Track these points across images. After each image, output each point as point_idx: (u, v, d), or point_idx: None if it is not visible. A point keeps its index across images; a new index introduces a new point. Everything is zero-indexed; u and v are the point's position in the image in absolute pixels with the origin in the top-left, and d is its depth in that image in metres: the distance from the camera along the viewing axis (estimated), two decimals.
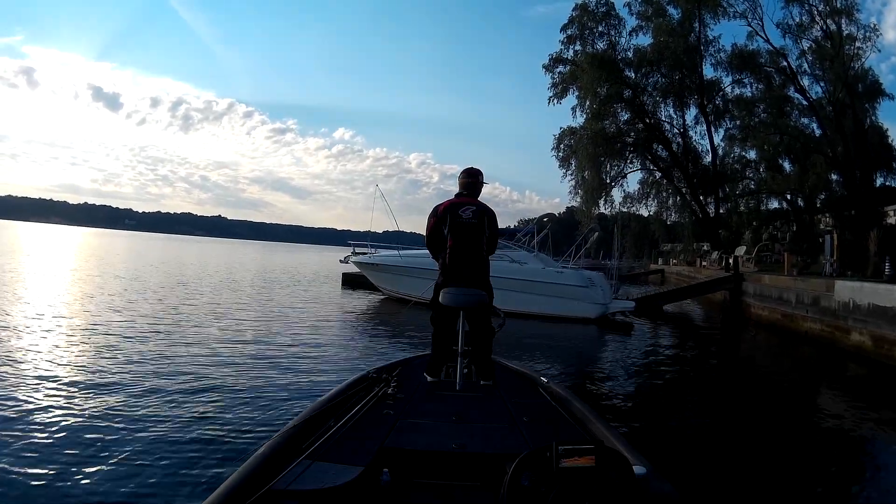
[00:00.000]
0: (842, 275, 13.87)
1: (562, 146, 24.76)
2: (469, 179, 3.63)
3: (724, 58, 23.78)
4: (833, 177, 23.09)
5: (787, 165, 24.29)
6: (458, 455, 2.11)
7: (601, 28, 23.76)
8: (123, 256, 35.41)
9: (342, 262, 17.64)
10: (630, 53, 23.91)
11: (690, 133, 24.91)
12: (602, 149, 23.01)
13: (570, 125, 24.65)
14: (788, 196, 24.55)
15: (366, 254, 16.68)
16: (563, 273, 13.91)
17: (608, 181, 24.35)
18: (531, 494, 1.52)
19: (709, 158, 24.70)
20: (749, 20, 23.05)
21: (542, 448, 1.57)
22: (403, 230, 18.00)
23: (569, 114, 26.41)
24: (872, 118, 23.71)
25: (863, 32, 21.97)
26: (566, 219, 39.00)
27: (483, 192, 3.68)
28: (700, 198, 24.55)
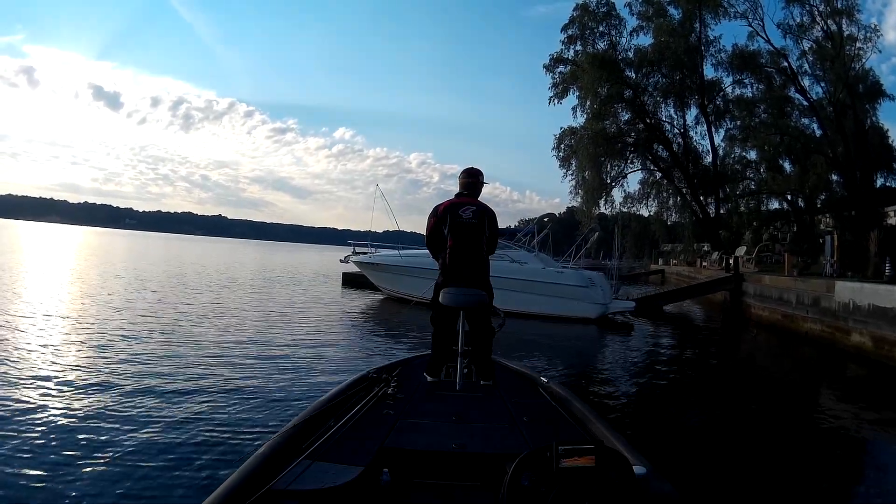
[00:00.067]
0: (842, 275, 13.85)
1: (562, 146, 24.80)
2: (469, 179, 3.62)
3: (725, 58, 23.81)
4: (833, 177, 23.06)
5: (788, 166, 24.31)
6: (458, 455, 2.11)
7: (602, 28, 23.76)
8: (124, 256, 35.43)
9: (342, 262, 17.67)
10: (631, 53, 23.93)
11: (691, 133, 24.97)
12: (602, 149, 23.00)
13: (571, 125, 24.73)
14: (789, 196, 24.52)
15: (366, 253, 16.71)
16: (564, 273, 13.91)
17: (608, 181, 24.37)
18: (531, 494, 1.52)
19: (709, 159, 24.74)
20: (750, 20, 23.06)
21: (542, 448, 1.57)
22: (404, 230, 18.00)
23: (569, 114, 26.49)
24: (873, 119, 23.71)
25: (863, 33, 21.98)
26: (566, 219, 39.04)
27: (483, 192, 3.68)
28: (700, 198, 24.54)
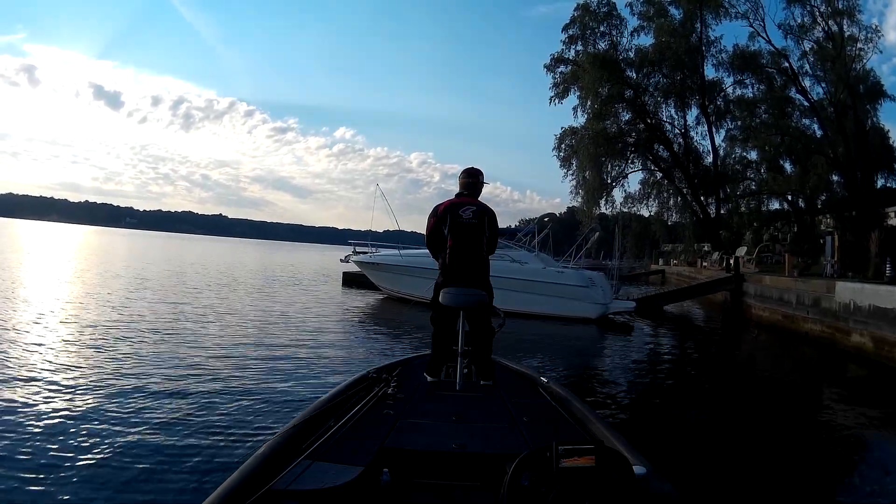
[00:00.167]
0: (843, 276, 13.85)
1: (563, 146, 24.85)
2: (469, 179, 3.62)
3: (726, 58, 23.84)
4: (834, 178, 23.07)
5: (789, 166, 24.31)
6: (458, 455, 2.10)
7: (603, 28, 23.79)
8: (124, 255, 35.45)
9: (343, 262, 17.67)
10: (632, 54, 23.96)
11: (692, 133, 25.01)
12: (603, 149, 23.01)
13: (572, 125, 24.79)
14: (789, 197, 24.51)
15: (366, 253, 16.71)
16: (564, 273, 13.91)
17: (609, 181, 24.40)
18: (531, 494, 1.52)
19: (710, 159, 24.77)
20: (751, 21, 23.07)
21: (542, 448, 1.56)
22: (404, 229, 17.98)
23: (570, 114, 26.53)
24: (874, 119, 23.72)
25: (864, 33, 22.00)
26: (567, 219, 39.00)
27: (484, 192, 3.68)
28: (701, 198, 24.55)
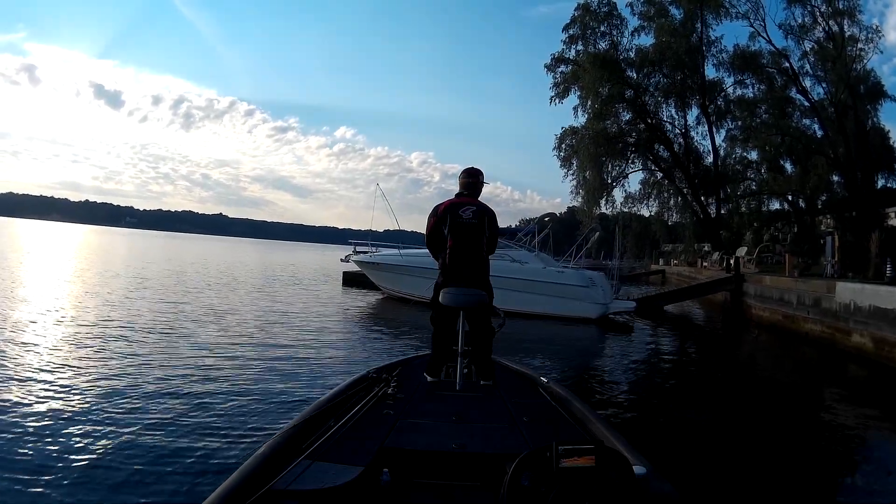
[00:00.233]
0: (843, 276, 13.84)
1: (563, 146, 24.82)
2: (469, 179, 3.62)
3: (726, 58, 23.82)
4: (834, 178, 23.04)
5: (789, 166, 24.28)
6: (458, 455, 2.11)
7: (603, 28, 23.76)
8: (124, 254, 35.46)
9: (343, 261, 17.68)
10: (632, 53, 23.93)
11: (692, 133, 24.98)
12: (603, 149, 23.00)
13: (572, 125, 24.75)
14: (790, 197, 24.48)
15: (367, 253, 16.72)
16: (564, 273, 13.90)
17: (609, 181, 24.39)
18: (531, 494, 1.52)
19: (710, 159, 24.75)
20: (751, 21, 23.05)
21: (542, 448, 1.56)
22: (404, 229, 17.99)
23: (570, 114, 26.51)
24: (874, 119, 23.70)
25: (865, 34, 21.98)
26: (567, 218, 38.93)
27: (484, 192, 3.68)
28: (701, 198, 24.54)
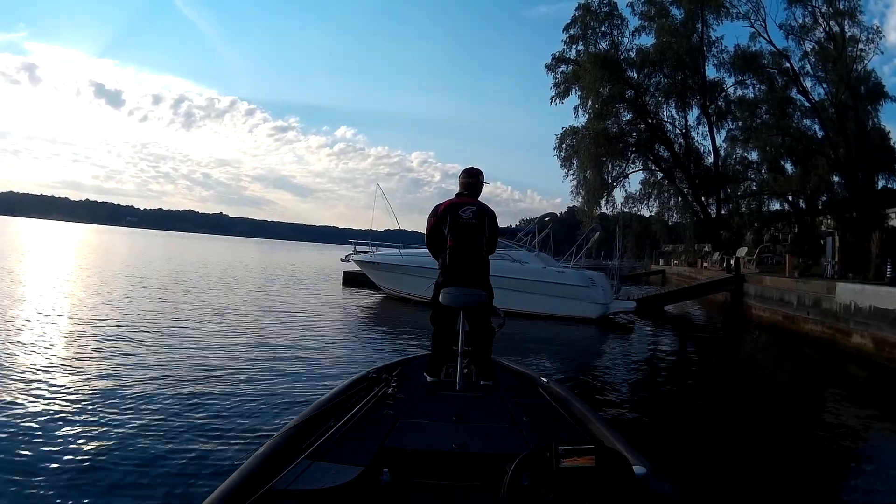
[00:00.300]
0: (843, 277, 13.82)
1: (564, 146, 24.84)
2: (469, 179, 3.62)
3: (727, 59, 23.78)
4: (835, 178, 23.02)
5: (789, 167, 24.27)
6: (458, 455, 2.11)
7: (604, 28, 23.76)
8: (125, 254, 35.46)
9: (343, 261, 17.69)
10: (633, 53, 23.92)
11: (692, 134, 24.95)
12: (604, 149, 23.00)
13: (573, 125, 24.77)
14: (790, 197, 24.48)
15: (367, 252, 16.72)
16: (565, 273, 13.90)
17: (610, 181, 24.38)
18: (531, 494, 1.52)
19: (711, 159, 24.73)
20: (752, 21, 23.02)
21: (542, 448, 1.57)
22: (405, 229, 17.98)
23: (571, 114, 26.52)
24: (875, 120, 23.66)
25: (866, 34, 21.94)
26: (568, 218, 38.90)
27: (484, 192, 3.69)
28: (702, 199, 24.53)
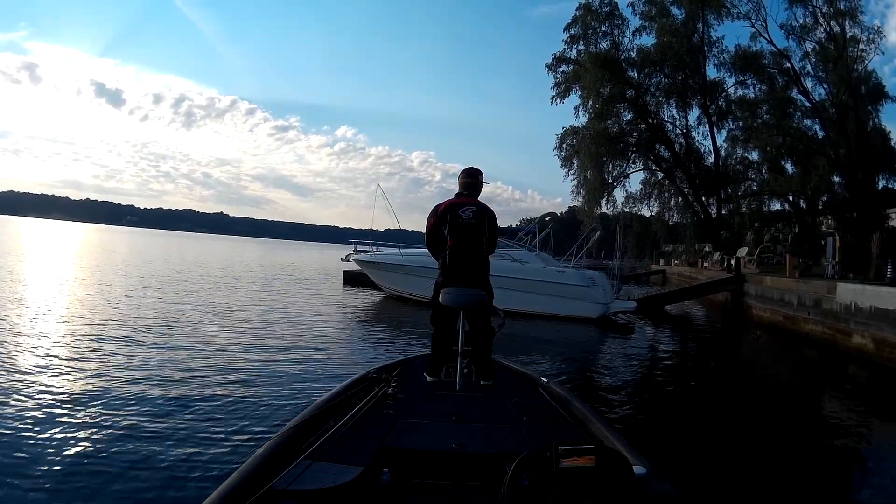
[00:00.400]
0: (844, 277, 13.81)
1: (564, 146, 24.79)
2: (469, 179, 3.62)
3: (728, 59, 23.71)
4: (835, 179, 22.96)
5: (790, 167, 24.22)
6: (458, 455, 2.11)
7: (605, 28, 23.68)
8: (125, 253, 35.47)
9: (343, 261, 17.70)
10: (633, 53, 23.85)
11: (693, 134, 24.86)
12: (604, 149, 22.97)
13: (573, 125, 24.68)
14: (790, 198, 24.44)
15: (367, 252, 16.73)
16: (565, 273, 13.89)
17: (610, 181, 24.34)
18: (531, 494, 1.52)
19: (711, 159, 24.64)
20: (753, 21, 22.95)
21: (542, 448, 1.57)
22: (405, 228, 18.01)
23: (571, 113, 26.42)
24: (875, 120, 23.61)
25: (866, 34, 21.88)
26: (568, 218, 38.92)
27: (484, 191, 3.69)
28: (702, 198, 24.48)
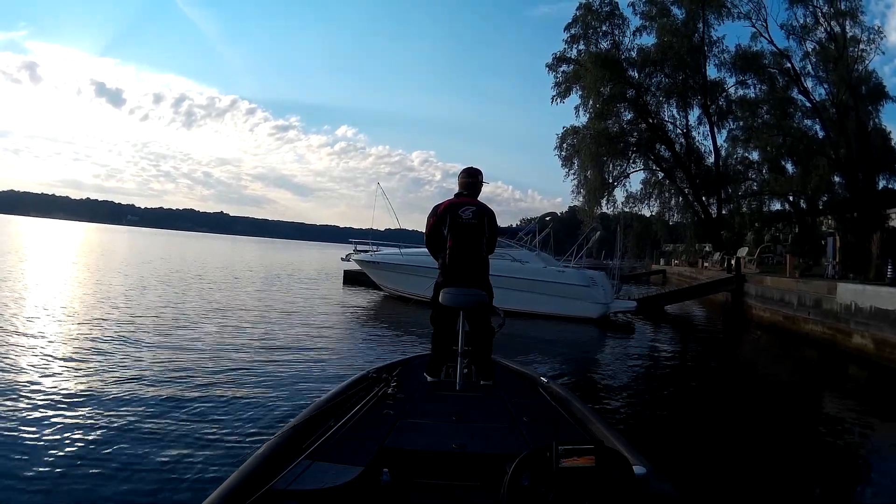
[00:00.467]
0: (844, 277, 13.81)
1: (565, 145, 24.79)
2: (469, 179, 3.62)
3: (728, 59, 23.69)
4: (836, 179, 22.96)
5: (790, 167, 24.22)
6: (458, 455, 2.11)
7: (605, 27, 23.68)
8: (125, 253, 35.48)
9: (344, 260, 17.71)
10: (634, 53, 23.85)
11: (693, 133, 24.85)
12: (605, 148, 22.96)
13: (574, 125, 24.67)
14: (791, 198, 24.43)
15: (367, 252, 16.73)
16: (565, 272, 13.89)
17: (611, 181, 24.33)
18: (531, 494, 1.52)
19: (711, 159, 24.64)
20: (753, 21, 22.94)
21: (542, 448, 1.57)
22: (405, 228, 18.04)
23: (572, 113, 26.46)
24: (875, 120, 23.62)
25: (867, 35, 21.89)
26: (568, 218, 38.93)
27: (485, 191, 3.70)
28: (702, 198, 24.48)
